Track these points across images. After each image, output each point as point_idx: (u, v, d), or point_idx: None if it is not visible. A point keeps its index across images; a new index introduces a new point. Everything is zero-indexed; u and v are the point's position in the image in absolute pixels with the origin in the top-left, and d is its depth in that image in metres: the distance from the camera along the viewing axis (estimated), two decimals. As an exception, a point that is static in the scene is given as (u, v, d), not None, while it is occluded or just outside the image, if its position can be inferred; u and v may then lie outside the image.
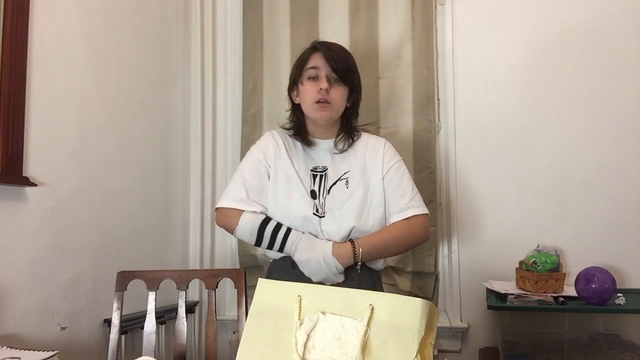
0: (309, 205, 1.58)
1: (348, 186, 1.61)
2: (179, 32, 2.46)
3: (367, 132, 1.75)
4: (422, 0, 2.30)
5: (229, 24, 2.56)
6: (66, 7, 1.78)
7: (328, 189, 1.61)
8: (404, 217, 1.59)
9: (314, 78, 1.62)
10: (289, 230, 1.56)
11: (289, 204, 1.58)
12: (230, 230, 1.63)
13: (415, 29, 2.28)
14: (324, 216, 1.57)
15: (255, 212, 1.60)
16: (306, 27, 2.40)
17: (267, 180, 1.64)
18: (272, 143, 1.68)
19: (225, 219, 1.63)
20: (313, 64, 1.63)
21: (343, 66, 1.62)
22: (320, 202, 1.59)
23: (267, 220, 1.58)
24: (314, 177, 1.63)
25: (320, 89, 1.59)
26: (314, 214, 1.57)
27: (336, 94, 1.62)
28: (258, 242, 1.59)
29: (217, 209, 1.67)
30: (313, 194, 1.60)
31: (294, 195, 1.59)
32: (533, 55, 2.22)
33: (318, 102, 1.60)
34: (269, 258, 1.72)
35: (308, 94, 1.62)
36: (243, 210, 1.60)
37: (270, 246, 1.58)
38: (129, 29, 2.10)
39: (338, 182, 1.62)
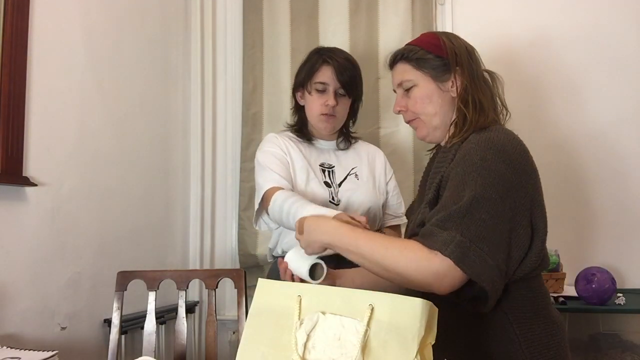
0: (325, 192, 1.65)
1: (358, 178, 1.72)
2: (179, 32, 2.46)
3: (360, 138, 1.85)
4: (422, 0, 2.30)
5: (229, 24, 2.55)
6: (66, 7, 1.78)
7: (338, 183, 1.70)
8: (398, 223, 1.78)
9: (322, 91, 1.68)
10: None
11: (306, 191, 1.63)
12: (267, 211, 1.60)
13: (415, 29, 2.28)
14: (339, 204, 1.65)
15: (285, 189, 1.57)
16: (306, 27, 2.39)
17: (289, 166, 1.67)
18: (281, 140, 1.73)
19: (266, 202, 1.60)
20: (322, 79, 1.67)
21: (350, 81, 1.69)
22: (335, 191, 1.67)
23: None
24: (323, 171, 1.71)
25: (328, 104, 1.66)
26: (330, 201, 1.64)
27: (341, 107, 1.70)
28: (286, 218, 1.50)
29: (261, 202, 1.64)
30: (327, 185, 1.68)
31: (310, 183, 1.65)
32: (533, 55, 2.22)
33: (324, 114, 1.68)
34: (274, 256, 1.73)
35: (315, 105, 1.69)
36: (279, 189, 1.57)
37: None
38: (129, 29, 2.10)
39: (348, 176, 1.71)
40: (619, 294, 1.81)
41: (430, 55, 1.25)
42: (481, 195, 1.05)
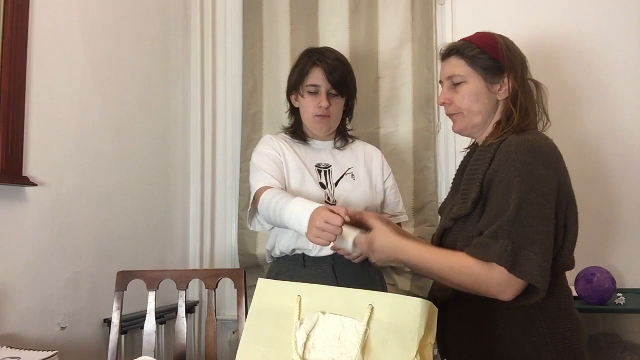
0: (321, 193, 1.65)
1: (355, 178, 1.72)
2: (179, 32, 2.46)
3: (357, 138, 1.85)
4: (422, 0, 2.29)
5: (229, 24, 2.55)
6: (66, 7, 1.78)
7: (335, 183, 1.69)
8: (398, 222, 1.76)
9: (314, 93, 1.69)
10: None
11: (301, 192, 1.63)
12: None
13: (415, 29, 2.28)
14: (335, 204, 1.63)
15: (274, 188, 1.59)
16: (306, 27, 2.39)
17: (283, 167, 1.67)
18: (276, 141, 1.73)
19: (257, 202, 1.61)
20: (313, 82, 1.68)
21: (342, 81, 1.69)
22: (331, 192, 1.67)
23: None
24: (319, 172, 1.70)
25: (321, 106, 1.67)
26: (325, 202, 1.63)
27: (335, 107, 1.70)
28: (274, 215, 1.51)
29: (252, 202, 1.66)
30: (322, 186, 1.68)
31: (306, 184, 1.65)
32: (532, 56, 2.21)
33: (318, 116, 1.68)
34: (273, 258, 1.73)
35: (308, 107, 1.70)
36: (268, 188, 1.59)
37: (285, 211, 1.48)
38: (129, 29, 2.10)
39: (345, 176, 1.71)
40: (619, 294, 1.81)
41: (485, 55, 1.29)
42: (526, 201, 1.11)
